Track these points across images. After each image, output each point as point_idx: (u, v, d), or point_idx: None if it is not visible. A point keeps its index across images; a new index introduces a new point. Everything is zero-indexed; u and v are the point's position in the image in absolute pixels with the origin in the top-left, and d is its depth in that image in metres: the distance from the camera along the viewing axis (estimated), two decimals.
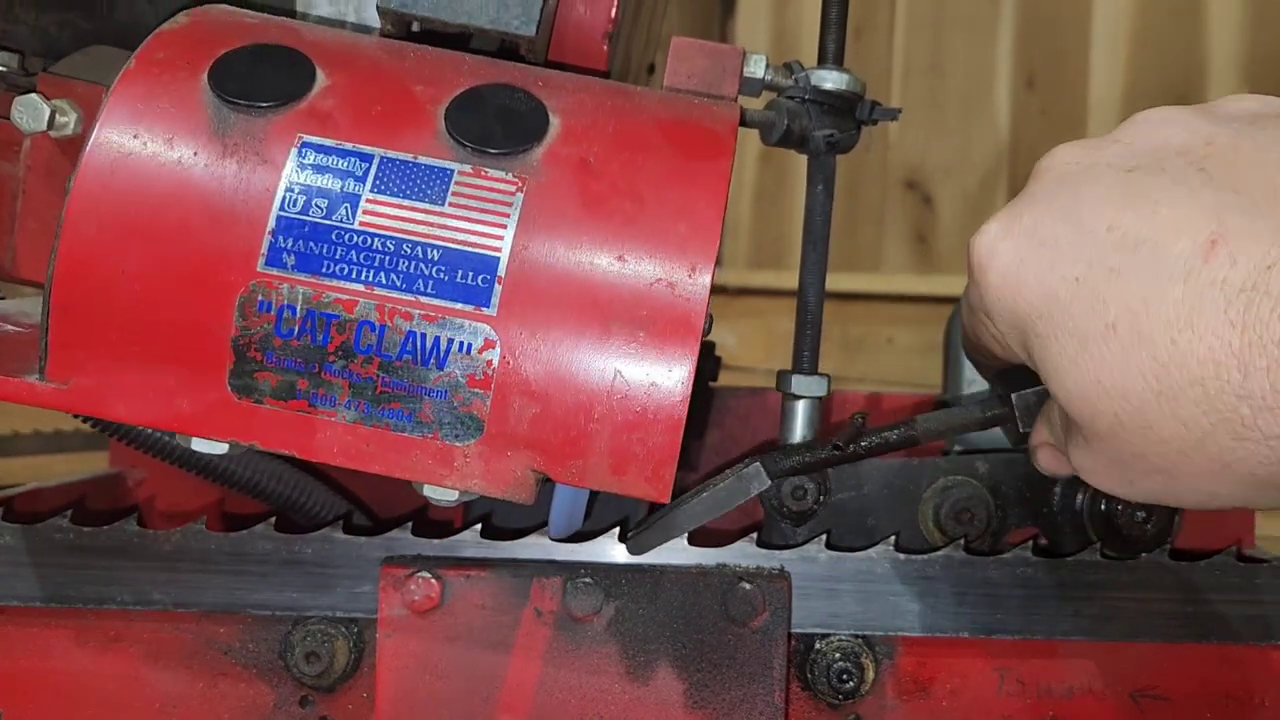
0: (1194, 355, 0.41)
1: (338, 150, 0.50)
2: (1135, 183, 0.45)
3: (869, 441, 0.58)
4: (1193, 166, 0.45)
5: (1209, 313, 0.41)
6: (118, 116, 0.50)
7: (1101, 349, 0.44)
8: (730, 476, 0.58)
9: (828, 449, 0.59)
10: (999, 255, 0.48)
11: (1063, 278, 0.45)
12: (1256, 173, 0.43)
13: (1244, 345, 0.40)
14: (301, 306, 0.49)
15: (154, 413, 0.50)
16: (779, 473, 0.58)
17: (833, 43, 0.68)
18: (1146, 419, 0.43)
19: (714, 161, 0.52)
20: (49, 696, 0.64)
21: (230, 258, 0.49)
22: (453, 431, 0.49)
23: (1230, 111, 0.48)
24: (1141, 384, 0.43)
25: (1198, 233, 0.42)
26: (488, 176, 0.51)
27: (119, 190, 0.49)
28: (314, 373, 0.49)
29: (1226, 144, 0.45)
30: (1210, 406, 0.41)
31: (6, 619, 0.64)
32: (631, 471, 0.50)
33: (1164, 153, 0.46)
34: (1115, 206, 0.45)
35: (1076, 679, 0.65)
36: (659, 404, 0.49)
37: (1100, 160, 0.48)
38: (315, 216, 0.49)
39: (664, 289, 0.49)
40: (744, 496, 0.58)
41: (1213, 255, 0.41)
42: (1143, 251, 0.43)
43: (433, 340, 0.49)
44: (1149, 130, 0.48)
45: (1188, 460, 0.43)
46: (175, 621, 0.64)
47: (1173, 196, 0.44)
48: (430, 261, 0.49)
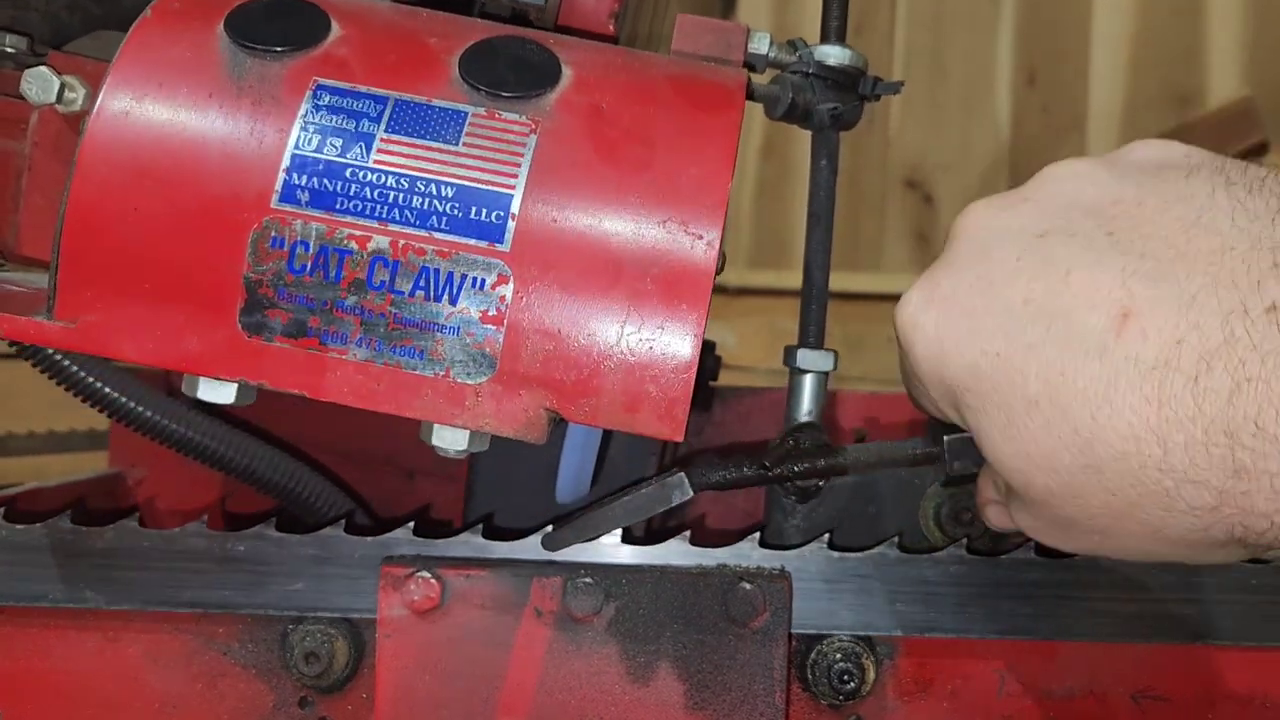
0: (1115, 430, 0.42)
1: (353, 93, 0.51)
2: (1047, 250, 0.46)
3: (795, 467, 0.60)
4: (1101, 230, 0.45)
5: (1125, 389, 0.42)
6: (134, 59, 0.51)
7: (1026, 422, 0.44)
8: (654, 484, 0.59)
9: (754, 468, 0.60)
10: (921, 328, 0.48)
11: (983, 351, 0.46)
12: (1159, 231, 0.44)
13: (1160, 421, 0.41)
14: (315, 243, 0.49)
15: (162, 351, 0.50)
16: (703, 485, 0.59)
17: (835, 19, 0.69)
18: (1076, 490, 0.44)
19: (724, 113, 0.53)
20: (49, 696, 0.64)
21: (243, 195, 0.49)
22: (464, 369, 0.49)
23: (1135, 161, 0.48)
24: (1068, 458, 0.43)
25: (1110, 305, 0.43)
26: (501, 119, 0.51)
27: (133, 131, 0.50)
28: (326, 309, 0.49)
29: (1131, 201, 0.45)
30: (1135, 479, 0.42)
31: (6, 619, 0.64)
32: (644, 410, 0.50)
33: (1073, 213, 0.46)
34: (1028, 277, 0.45)
35: (1077, 680, 0.65)
36: (671, 342, 0.49)
37: (1013, 223, 0.48)
38: (330, 155, 0.50)
39: (676, 229, 0.50)
40: (664, 504, 0.59)
41: (1124, 330, 0.42)
42: (1057, 325, 0.44)
43: (446, 276, 0.49)
44: (1059, 187, 0.48)
45: (1120, 525, 0.44)
46: (175, 621, 0.64)
47: (1083, 263, 0.44)
48: (444, 199, 0.49)
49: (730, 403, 0.99)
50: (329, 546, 0.64)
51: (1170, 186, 0.45)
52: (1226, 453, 0.40)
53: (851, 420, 0.96)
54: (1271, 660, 0.65)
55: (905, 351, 0.50)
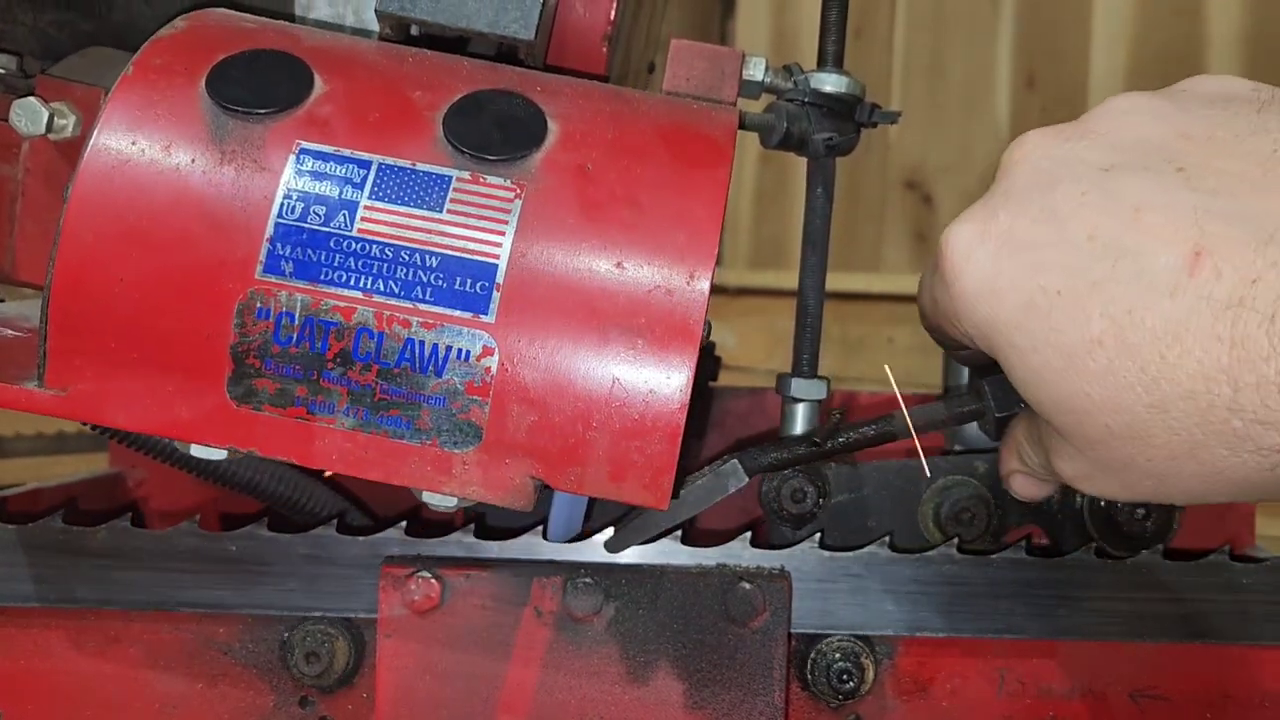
0: (1184, 370, 0.41)
1: (335, 157, 0.50)
2: (1114, 185, 0.44)
3: (846, 437, 0.59)
4: (1171, 165, 0.44)
5: (1197, 328, 0.41)
6: (115, 124, 0.50)
7: (1087, 362, 0.43)
8: (708, 474, 0.59)
9: (805, 445, 0.59)
10: (974, 261, 0.47)
11: (1042, 288, 0.44)
12: (1233, 166, 0.43)
13: (1233, 361, 0.40)
14: (300, 313, 0.49)
15: (153, 419, 0.50)
16: (756, 469, 0.59)
17: (832, 45, 0.67)
18: (1137, 430, 0.43)
19: (712, 169, 0.52)
20: (49, 696, 0.64)
21: (228, 265, 0.49)
22: (451, 439, 0.49)
23: (1201, 94, 0.47)
24: (1131, 397, 0.42)
25: (1182, 244, 0.41)
26: (486, 183, 0.50)
27: (117, 198, 0.49)
28: (312, 380, 0.49)
29: (1202, 136, 0.44)
30: (1202, 419, 0.41)
31: (6, 619, 0.64)
32: (630, 479, 0.50)
33: (1141, 148, 0.45)
34: (1095, 211, 0.44)
35: (1076, 679, 0.65)
36: (657, 411, 0.49)
37: (1075, 155, 0.46)
38: (313, 223, 0.49)
39: (662, 296, 0.49)
40: (722, 494, 0.58)
41: (1198, 269, 0.41)
42: (1125, 263, 0.43)
43: (431, 347, 0.49)
44: (1122, 120, 0.47)
45: (1180, 466, 0.43)
46: (175, 622, 0.64)
47: (1153, 200, 0.43)
48: (429, 269, 0.49)
49: (730, 403, 0.99)
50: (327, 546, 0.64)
51: (1242, 120, 0.44)
52: None
53: None
54: (1271, 660, 0.65)
55: (948, 285, 0.48)
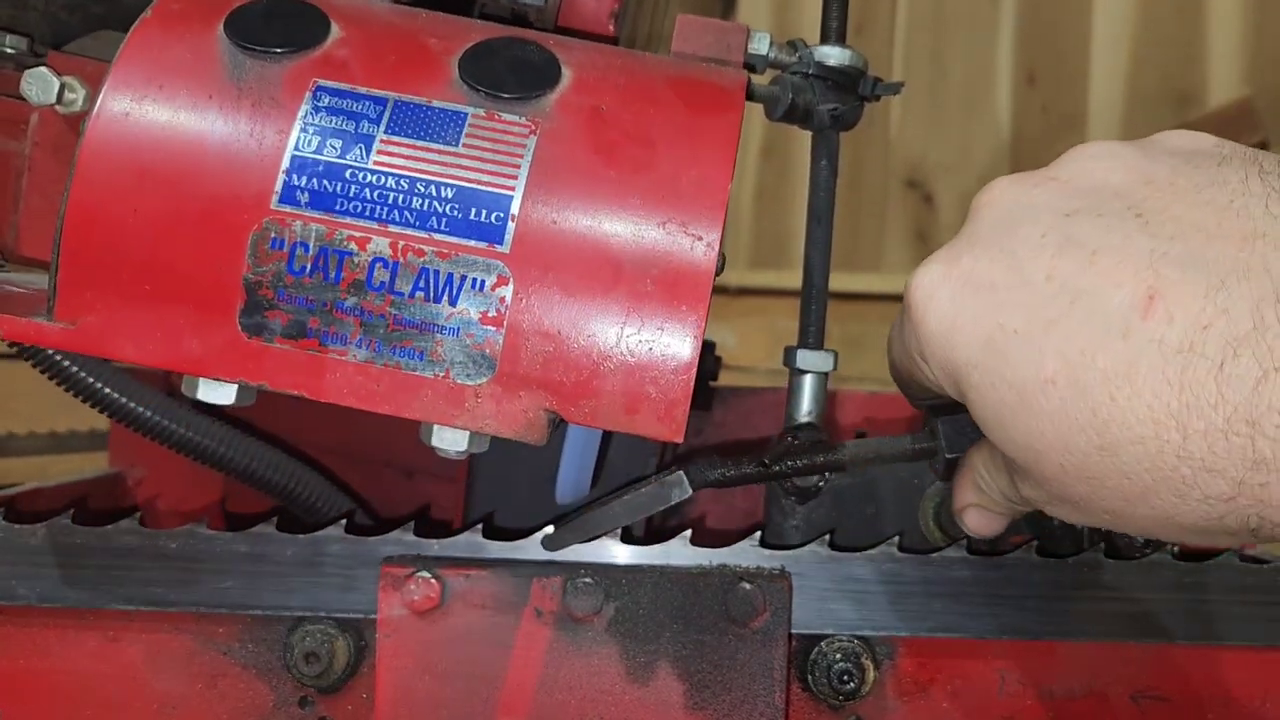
0: (1134, 413, 0.41)
1: (352, 94, 0.51)
2: (1073, 228, 0.45)
3: (794, 463, 0.60)
4: (1130, 211, 0.44)
5: (1147, 372, 0.41)
6: (133, 61, 0.51)
7: (1040, 401, 0.44)
8: (653, 482, 0.59)
9: (753, 466, 0.60)
10: (936, 299, 0.47)
11: (1000, 326, 0.45)
12: (1191, 214, 0.43)
13: (1181, 407, 0.40)
14: (314, 244, 0.49)
15: (162, 353, 0.50)
16: (701, 483, 0.59)
17: (835, 20, 0.68)
18: (1090, 471, 0.43)
19: (724, 114, 0.53)
20: (49, 696, 0.64)
21: (243, 196, 0.49)
22: (464, 370, 0.49)
23: (1168, 147, 0.47)
24: (1083, 439, 0.43)
25: (1136, 286, 0.42)
26: (501, 120, 0.51)
27: (133, 132, 0.50)
28: (325, 310, 0.49)
29: (1164, 183, 0.45)
30: (1151, 465, 0.41)
31: (6, 619, 0.64)
32: (644, 411, 0.50)
33: (1102, 194, 0.46)
34: (1053, 253, 0.44)
35: (1077, 680, 0.65)
36: (671, 344, 0.49)
37: (1039, 201, 0.47)
38: (329, 156, 0.50)
39: (676, 231, 0.50)
40: (664, 503, 0.59)
41: (1150, 312, 0.41)
42: (1080, 304, 0.43)
43: (445, 277, 0.49)
44: (1088, 166, 0.48)
45: (1132, 508, 0.44)
46: (175, 621, 0.64)
47: (1110, 243, 0.43)
48: (444, 199, 0.49)
49: (730, 403, 0.99)
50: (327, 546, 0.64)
51: (1203, 172, 0.45)
52: (1247, 442, 0.39)
53: (851, 420, 0.97)
54: (1271, 660, 0.65)
55: (915, 324, 0.49)
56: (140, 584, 0.63)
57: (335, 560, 0.64)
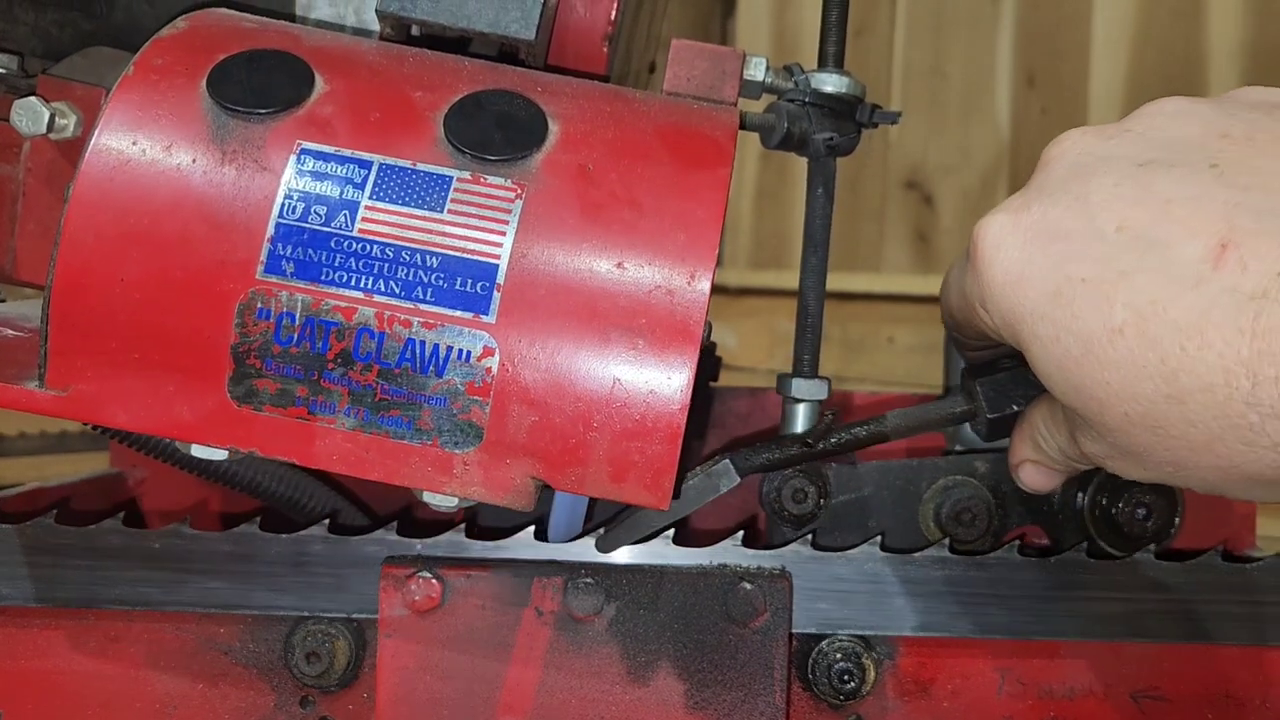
0: (1203, 362, 0.41)
1: (336, 157, 0.50)
2: (1147, 178, 0.44)
3: (838, 438, 0.59)
4: (1205, 161, 0.44)
5: (1219, 320, 0.41)
6: (116, 124, 0.50)
7: (1108, 351, 0.43)
8: (699, 474, 0.59)
9: (797, 446, 0.59)
10: (1004, 249, 0.47)
11: (1069, 277, 0.45)
12: (1270, 166, 0.43)
13: (1253, 354, 0.40)
14: (300, 314, 0.49)
15: (154, 420, 0.50)
16: (748, 469, 0.59)
17: (833, 45, 0.67)
18: (1155, 420, 0.43)
19: (713, 170, 0.52)
20: (49, 696, 0.64)
21: (229, 265, 0.49)
22: (452, 439, 0.49)
23: (1246, 101, 0.47)
24: (1150, 387, 0.42)
25: (1209, 236, 0.42)
26: (486, 183, 0.50)
27: (117, 198, 0.49)
28: (313, 380, 0.49)
29: (1241, 136, 0.45)
30: (1220, 412, 0.41)
31: (6, 619, 0.64)
32: (631, 479, 0.50)
33: (1177, 146, 0.45)
34: (1126, 204, 0.44)
35: (1077, 679, 0.65)
36: (658, 412, 0.49)
37: (1112, 152, 0.47)
38: (314, 224, 0.49)
39: (663, 296, 0.49)
40: (713, 494, 0.59)
41: (1223, 261, 0.41)
42: (1153, 254, 0.43)
43: (432, 348, 0.49)
44: (1163, 121, 0.47)
45: (1197, 458, 0.43)
46: (175, 621, 0.64)
47: (1184, 194, 0.43)
48: (429, 269, 0.49)
49: (730, 403, 0.99)
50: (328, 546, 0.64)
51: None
52: None
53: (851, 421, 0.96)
54: (1272, 660, 0.65)
55: (978, 273, 0.48)
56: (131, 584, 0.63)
57: (337, 560, 0.64)
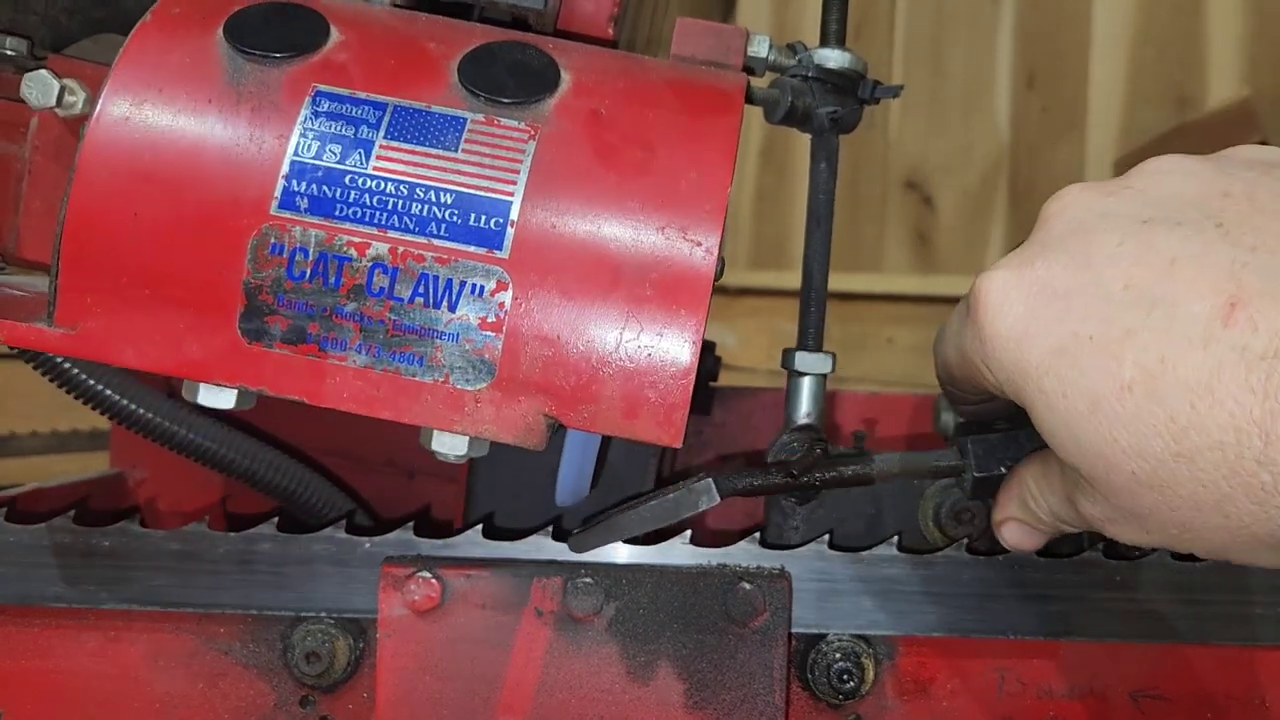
0: (1214, 421, 0.41)
1: (352, 99, 0.51)
2: (1149, 236, 0.45)
3: (823, 474, 0.60)
4: (1209, 220, 0.44)
5: (1229, 379, 0.41)
6: (133, 65, 0.51)
7: (1116, 408, 0.43)
8: (681, 488, 0.59)
9: (781, 476, 0.60)
10: (1009, 307, 0.47)
11: (1075, 334, 0.45)
12: (1273, 225, 0.43)
13: (1265, 413, 0.40)
14: (314, 249, 0.49)
15: (163, 358, 0.50)
16: (729, 491, 0.59)
17: (835, 23, 0.69)
18: (1163, 479, 0.43)
19: (723, 117, 0.53)
20: (49, 696, 0.64)
21: (243, 201, 0.49)
22: (464, 375, 0.49)
23: (1242, 159, 0.47)
24: (1159, 445, 0.42)
25: (1217, 294, 0.42)
26: (501, 125, 0.51)
27: (133, 136, 0.50)
28: (325, 316, 0.49)
29: (1241, 195, 0.45)
30: (1230, 471, 0.41)
31: (6, 619, 0.64)
32: (643, 416, 0.50)
33: (1178, 204, 0.46)
34: (1130, 262, 0.44)
35: (1077, 679, 0.65)
36: (670, 348, 0.49)
37: (1113, 209, 0.47)
38: (329, 161, 0.50)
39: (675, 235, 0.50)
40: (691, 510, 0.59)
41: (1232, 320, 0.41)
42: (1159, 312, 0.43)
43: (445, 282, 0.49)
44: (1162, 179, 0.47)
45: (1205, 518, 0.43)
46: (175, 621, 0.64)
47: (1189, 252, 0.43)
48: (443, 205, 0.50)
49: (730, 404, 0.99)
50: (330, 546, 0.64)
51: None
52: None
53: (850, 421, 0.97)
54: (1272, 660, 0.65)
55: (981, 328, 0.48)
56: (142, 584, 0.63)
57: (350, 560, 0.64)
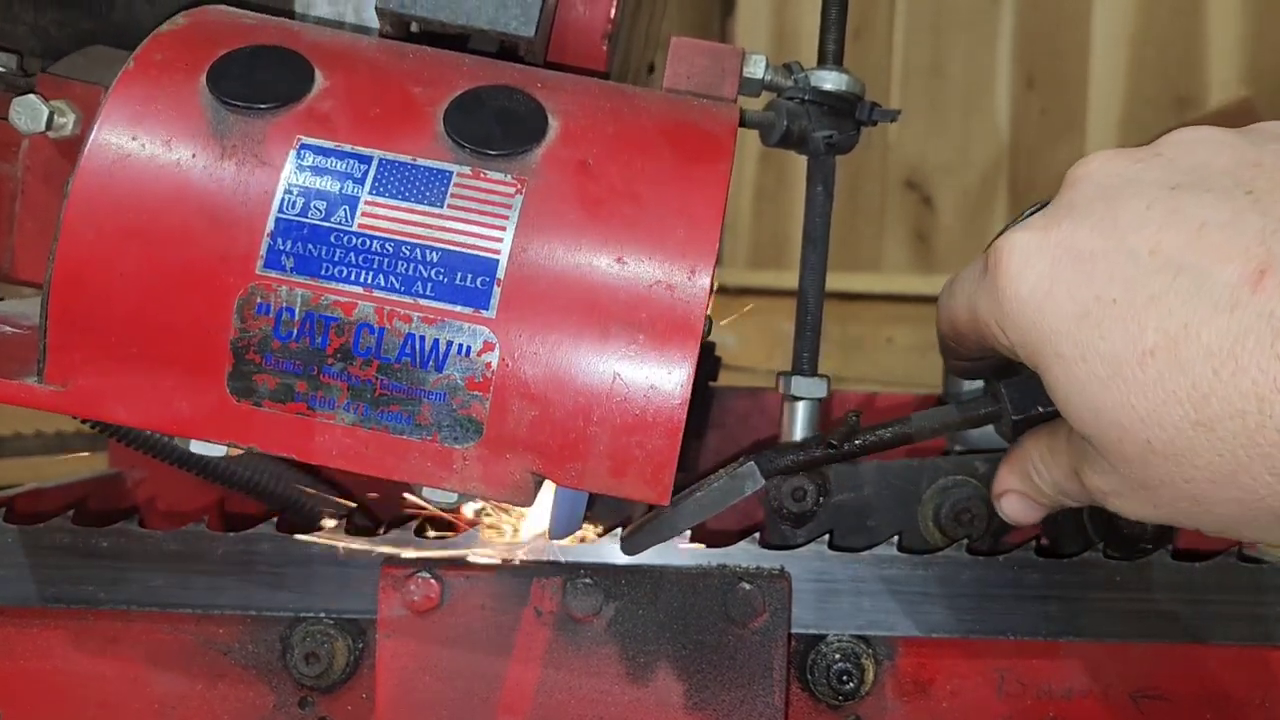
0: (1236, 388, 0.40)
1: (336, 152, 0.50)
2: (1179, 202, 0.44)
3: (864, 440, 0.58)
4: (1239, 188, 0.44)
5: (1254, 346, 0.40)
6: (116, 119, 0.50)
7: (1136, 374, 0.43)
8: (724, 476, 0.58)
9: (822, 448, 0.59)
10: (1031, 268, 0.46)
11: (1098, 298, 0.44)
12: None
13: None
14: (300, 309, 0.49)
15: (153, 415, 0.50)
16: (773, 471, 0.58)
17: (832, 43, 0.68)
18: (1179, 447, 0.42)
19: (713, 164, 0.52)
20: (49, 696, 0.64)
21: (229, 260, 0.49)
22: (452, 434, 0.49)
23: (1271, 133, 0.47)
24: (1178, 413, 0.42)
25: (1246, 261, 0.41)
26: (487, 178, 0.50)
27: (117, 193, 0.49)
28: (313, 375, 0.49)
29: (1272, 165, 0.44)
30: (1249, 440, 0.41)
31: (6, 619, 0.64)
32: (631, 474, 0.50)
33: (1209, 171, 0.45)
34: (1158, 226, 0.44)
35: (1076, 680, 0.65)
36: (658, 407, 0.49)
37: (1141, 175, 0.46)
38: (314, 218, 0.49)
39: (663, 291, 0.49)
40: (738, 496, 0.58)
41: (1261, 287, 0.41)
42: (1185, 277, 0.42)
43: (431, 343, 0.49)
44: (1191, 147, 0.47)
45: (1219, 490, 0.43)
46: (175, 622, 0.64)
47: (1219, 219, 0.43)
48: (429, 264, 0.49)
49: (730, 404, 0.99)
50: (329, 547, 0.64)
51: None
52: None
53: None
54: (1272, 660, 0.65)
55: (1000, 289, 0.47)
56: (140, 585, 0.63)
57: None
